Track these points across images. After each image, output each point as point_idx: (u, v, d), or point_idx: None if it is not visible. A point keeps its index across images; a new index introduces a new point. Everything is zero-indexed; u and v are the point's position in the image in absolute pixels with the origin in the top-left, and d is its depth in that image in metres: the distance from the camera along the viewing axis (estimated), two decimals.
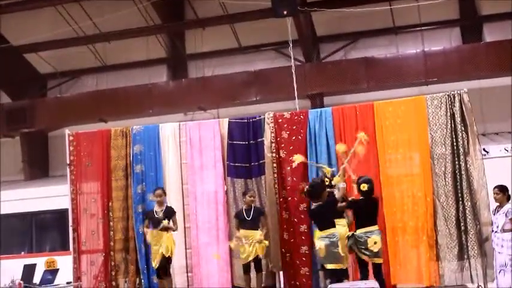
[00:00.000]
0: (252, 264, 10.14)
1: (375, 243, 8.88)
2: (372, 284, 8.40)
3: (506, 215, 9.10)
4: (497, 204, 9.38)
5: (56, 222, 16.91)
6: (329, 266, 8.79)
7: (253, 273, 10.22)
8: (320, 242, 8.77)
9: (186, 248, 10.72)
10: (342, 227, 9.18)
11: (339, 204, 9.05)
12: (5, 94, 20.21)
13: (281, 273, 10.61)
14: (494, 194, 9.38)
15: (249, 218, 10.05)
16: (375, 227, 9.01)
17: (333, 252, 8.70)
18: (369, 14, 16.20)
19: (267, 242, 10.09)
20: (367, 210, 9.02)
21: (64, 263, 12.45)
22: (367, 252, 8.91)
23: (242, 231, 10.10)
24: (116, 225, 11.05)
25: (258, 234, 10.01)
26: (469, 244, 9.68)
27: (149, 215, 10.31)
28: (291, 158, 10.35)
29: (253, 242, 9.96)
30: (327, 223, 8.84)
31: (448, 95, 10.12)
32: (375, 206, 9.18)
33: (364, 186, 8.95)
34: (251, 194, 10.32)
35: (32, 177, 19.72)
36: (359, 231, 8.96)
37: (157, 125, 11.43)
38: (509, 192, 9.39)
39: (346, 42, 18.34)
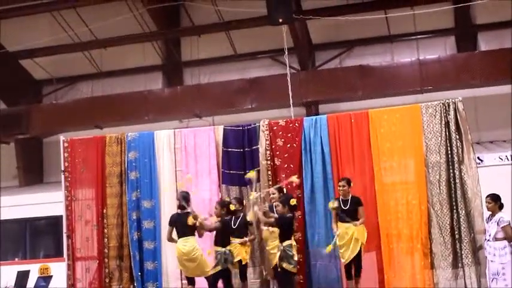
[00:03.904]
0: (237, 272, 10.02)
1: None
2: None
3: (498, 223, 9.11)
4: (490, 213, 9.38)
5: (50, 228, 16.87)
6: None
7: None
8: None
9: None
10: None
11: (266, 220, 9.44)
12: (0, 100, 20.17)
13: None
14: (486, 203, 9.39)
15: (235, 226, 9.95)
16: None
17: None
18: (364, 22, 16.24)
19: (248, 248, 9.98)
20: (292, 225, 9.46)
21: (58, 269, 12.41)
22: (293, 263, 9.19)
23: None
24: (110, 232, 11.02)
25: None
26: (463, 252, 9.69)
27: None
28: (285, 166, 10.40)
29: (236, 250, 9.79)
30: None
31: (442, 103, 10.15)
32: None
33: (293, 201, 9.31)
34: (233, 202, 10.17)
35: (27, 183, 19.69)
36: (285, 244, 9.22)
37: (153, 132, 11.42)
38: (502, 201, 9.39)
39: (341, 50, 18.39)
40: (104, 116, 17.95)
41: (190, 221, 9.47)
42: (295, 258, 9.20)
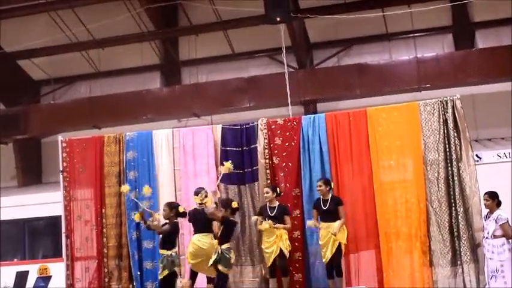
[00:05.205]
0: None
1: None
2: None
3: (496, 221, 9.11)
4: (488, 210, 9.39)
5: (49, 229, 16.87)
6: None
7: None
8: None
9: (179, 255, 10.67)
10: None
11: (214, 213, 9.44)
12: None
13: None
14: (484, 200, 9.38)
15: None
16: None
17: None
18: (362, 20, 16.26)
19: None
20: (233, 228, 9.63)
21: (57, 270, 12.40)
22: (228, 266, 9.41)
23: None
24: (109, 232, 11.03)
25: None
26: (461, 250, 9.71)
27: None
28: (284, 164, 10.41)
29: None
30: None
31: (440, 101, 10.16)
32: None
33: (235, 204, 9.50)
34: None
35: (25, 183, 19.68)
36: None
37: (151, 131, 11.43)
38: (499, 199, 9.38)
39: (339, 49, 18.38)
40: (102, 115, 17.94)
41: (136, 217, 9.53)
42: (232, 261, 9.43)
